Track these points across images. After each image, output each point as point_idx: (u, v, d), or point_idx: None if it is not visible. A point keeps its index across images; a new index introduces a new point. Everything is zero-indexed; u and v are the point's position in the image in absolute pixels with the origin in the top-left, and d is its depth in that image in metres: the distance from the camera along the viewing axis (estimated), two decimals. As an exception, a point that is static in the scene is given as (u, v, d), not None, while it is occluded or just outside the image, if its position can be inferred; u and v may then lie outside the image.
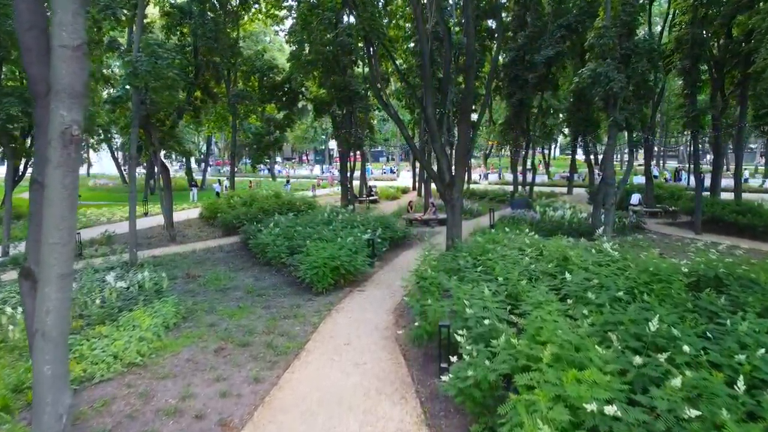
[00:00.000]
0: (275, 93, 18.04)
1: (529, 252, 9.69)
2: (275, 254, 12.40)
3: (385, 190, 30.02)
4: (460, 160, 13.40)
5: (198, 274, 12.21)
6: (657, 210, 19.61)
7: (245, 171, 60.47)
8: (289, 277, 11.77)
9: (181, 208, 25.30)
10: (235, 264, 13.46)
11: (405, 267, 12.72)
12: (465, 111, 12.87)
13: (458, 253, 11.05)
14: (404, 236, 15.22)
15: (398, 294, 10.40)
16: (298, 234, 13.33)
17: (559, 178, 37.96)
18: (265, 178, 45.38)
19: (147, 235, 18.14)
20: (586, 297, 7.42)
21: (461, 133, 13.11)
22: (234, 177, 23.78)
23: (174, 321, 8.94)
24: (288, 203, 19.36)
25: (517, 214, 18.99)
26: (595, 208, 14.99)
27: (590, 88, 11.16)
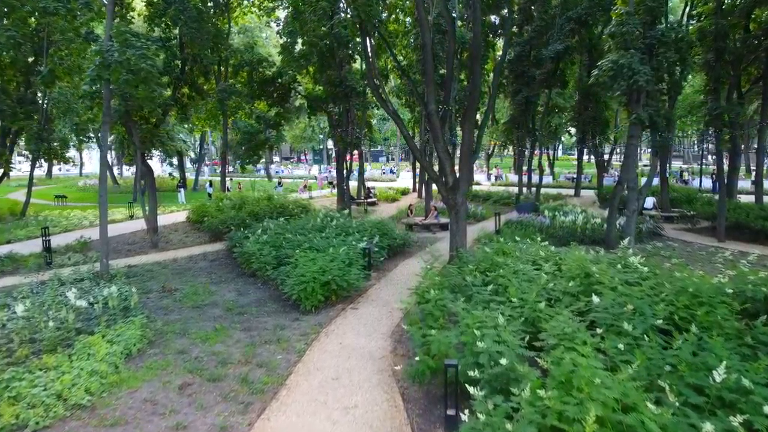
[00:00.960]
0: (266, 89, 16.88)
1: (545, 267, 8.51)
2: (261, 266, 11.23)
3: (384, 191, 28.84)
4: (465, 161, 12.25)
5: (175, 288, 11.02)
6: (673, 215, 18.43)
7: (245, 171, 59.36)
8: (275, 291, 10.60)
9: (169, 210, 24.14)
10: (218, 275, 12.28)
11: (404, 279, 11.55)
12: (470, 107, 11.70)
13: (464, 266, 9.89)
14: (404, 243, 14.04)
15: (396, 312, 9.23)
16: (287, 242, 12.15)
17: (564, 179, 36.78)
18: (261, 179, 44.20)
19: (128, 240, 16.96)
20: (619, 325, 6.26)
21: (466, 132, 11.94)
22: (225, 177, 22.60)
23: (138, 347, 7.77)
24: (280, 207, 18.19)
25: (524, 219, 17.81)
26: (610, 214, 13.81)
27: (611, 81, 10.03)
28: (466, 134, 11.97)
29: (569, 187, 32.44)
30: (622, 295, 7.11)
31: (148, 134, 16.17)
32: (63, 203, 27.71)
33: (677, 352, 5.27)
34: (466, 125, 11.92)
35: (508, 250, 10.21)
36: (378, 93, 12.18)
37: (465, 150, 12.10)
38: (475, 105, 11.75)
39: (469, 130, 11.95)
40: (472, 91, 11.69)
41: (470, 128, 11.93)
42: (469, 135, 11.96)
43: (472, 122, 11.89)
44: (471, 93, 11.73)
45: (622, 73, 9.53)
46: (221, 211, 18.17)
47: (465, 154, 12.10)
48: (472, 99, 11.71)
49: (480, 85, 11.79)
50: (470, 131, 11.97)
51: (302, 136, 59.46)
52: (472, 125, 11.92)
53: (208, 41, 14.88)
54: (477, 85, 11.61)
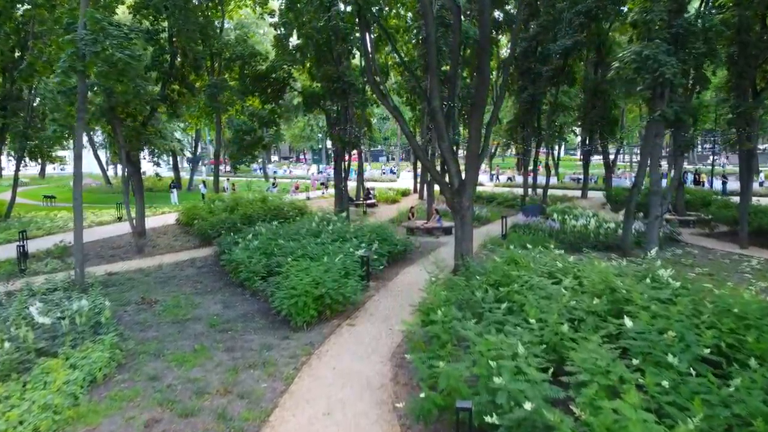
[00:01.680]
0: (259, 84, 15.94)
1: (565, 281, 7.59)
2: (249, 275, 10.31)
3: (384, 192, 27.91)
4: (471, 162, 11.32)
5: (155, 299, 10.10)
6: (690, 218, 17.49)
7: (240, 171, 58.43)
8: (264, 304, 9.68)
9: (161, 211, 23.22)
10: (205, 284, 11.36)
11: (405, 289, 10.64)
12: (477, 104, 10.79)
13: (472, 279, 8.99)
14: (405, 249, 13.12)
15: (397, 330, 8.30)
16: (279, 249, 11.25)
17: (569, 180, 35.83)
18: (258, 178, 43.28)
19: (114, 244, 16.04)
20: (658, 355, 5.35)
21: (473, 131, 11.03)
22: (218, 177, 21.67)
23: (105, 372, 6.85)
24: (275, 209, 17.27)
25: (532, 222, 16.89)
26: (626, 219, 12.91)
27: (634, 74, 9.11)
28: (473, 133, 11.05)
29: (575, 188, 31.51)
30: (657, 316, 6.20)
31: (133, 132, 15.24)
32: (51, 203, 26.80)
33: (739, 393, 4.37)
34: (473, 123, 11.00)
35: (521, 260, 9.29)
36: (377, 88, 11.28)
37: (471, 150, 11.17)
38: (482, 101, 10.83)
39: (476, 128, 11.03)
40: (480, 86, 10.77)
41: (477, 126, 11.02)
42: (476, 134, 11.04)
43: (480, 120, 10.96)
44: (478, 88, 10.82)
45: (646, 65, 8.63)
46: (213, 214, 17.27)
47: (471, 155, 11.17)
48: (480, 94, 10.79)
49: (489, 79, 10.88)
50: (477, 130, 11.05)
51: (301, 136, 58.50)
52: (479, 123, 11.00)
53: (195, 32, 13.94)
54: (485, 79, 10.68)
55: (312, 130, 53.56)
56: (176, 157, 36.51)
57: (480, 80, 10.77)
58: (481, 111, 10.93)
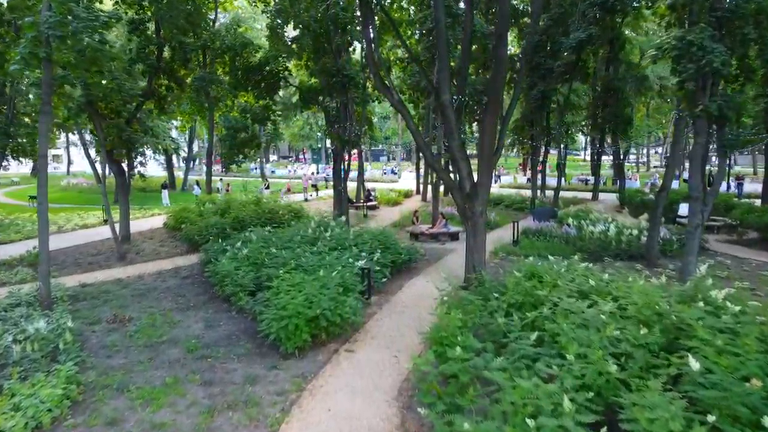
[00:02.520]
0: (251, 77, 14.78)
1: (603, 305, 6.43)
2: (235, 290, 9.17)
3: (386, 194, 26.74)
4: (485, 163, 10.18)
5: (129, 317, 8.96)
6: (714, 224, 16.35)
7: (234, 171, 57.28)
8: (252, 323, 8.53)
9: (150, 213, 22.06)
10: (187, 298, 10.21)
11: (411, 305, 9.49)
12: (493, 97, 9.66)
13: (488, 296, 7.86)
14: (409, 258, 11.97)
15: (404, 357, 7.17)
16: (271, 259, 10.12)
17: (576, 182, 34.65)
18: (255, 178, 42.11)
19: (94, 250, 14.88)
20: (741, 410, 4.22)
21: (487, 127, 9.89)
22: (211, 177, 20.52)
23: (54, 414, 5.70)
24: (269, 212, 16.11)
25: (544, 227, 15.75)
26: (652, 226, 11.78)
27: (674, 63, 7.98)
28: (486, 130, 9.91)
29: (584, 189, 30.35)
30: (723, 352, 5.05)
31: (114, 129, 14.10)
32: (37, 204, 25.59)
33: None
34: (486, 119, 9.86)
35: (545, 275, 8.14)
36: (381, 79, 10.14)
37: (485, 149, 10.03)
38: (498, 94, 9.70)
39: (491, 125, 9.89)
40: (495, 77, 9.63)
41: (491, 123, 9.88)
42: (490, 131, 9.90)
43: (494, 115, 9.83)
44: (494, 79, 9.68)
45: (689, 52, 7.51)
46: (203, 217, 16.11)
47: (485, 154, 10.03)
48: (495, 86, 9.65)
49: (506, 69, 9.76)
50: (491, 127, 9.91)
51: (300, 134, 57.38)
52: (493, 119, 9.86)
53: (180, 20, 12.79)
54: (502, 69, 9.55)
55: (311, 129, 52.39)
56: (171, 156, 35.34)
57: (496, 71, 9.63)
58: (496, 105, 9.79)
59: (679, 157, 11.29)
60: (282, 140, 75.51)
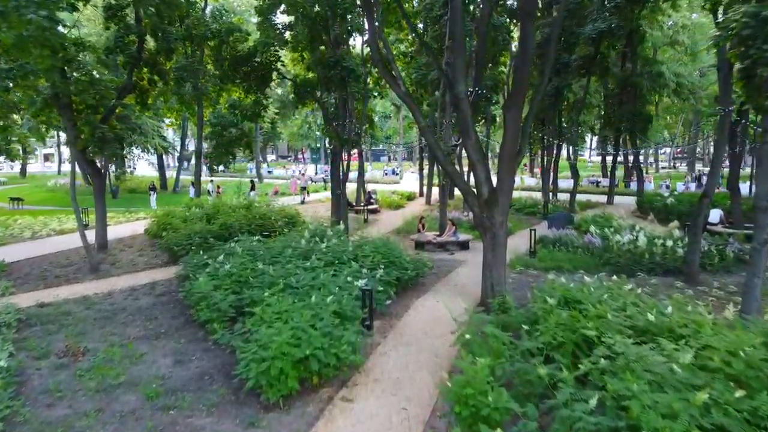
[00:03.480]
0: (239, 69, 13.31)
1: (665, 344, 4.99)
2: (211, 316, 7.73)
3: (387, 196, 25.27)
4: (507, 165, 8.76)
5: (85, 349, 7.51)
6: (749, 232, 14.86)
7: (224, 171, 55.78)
8: (231, 356, 7.08)
9: (135, 217, 20.60)
10: (159, 322, 8.77)
11: (420, 333, 8.05)
12: (519, 84, 8.23)
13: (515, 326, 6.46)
14: (417, 274, 10.52)
15: (415, 408, 5.73)
16: (256, 277, 8.69)
17: (587, 183, 33.16)
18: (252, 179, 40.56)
19: (66, 260, 13.44)
20: None
21: (510, 123, 8.46)
22: (200, 179, 19.08)
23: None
24: (260, 218, 14.66)
25: (563, 236, 14.30)
26: (693, 237, 10.35)
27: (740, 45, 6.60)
28: (509, 127, 8.47)
29: (596, 192, 28.88)
30: None
31: (88, 127, 12.66)
32: (18, 206, 24.17)
33: None
34: (509, 114, 8.43)
35: (584, 301, 6.70)
36: (384, 66, 8.72)
37: (507, 148, 8.60)
38: (524, 82, 8.27)
39: (514, 121, 8.46)
40: (521, 66, 8.21)
41: (515, 119, 8.45)
42: (513, 128, 8.47)
43: (519, 110, 8.40)
44: (519, 68, 8.26)
45: (764, 31, 6.11)
46: (188, 223, 14.67)
47: (507, 154, 8.61)
48: (521, 76, 8.23)
49: (531, 56, 8.36)
50: (515, 123, 8.48)
51: (299, 134, 55.90)
52: (518, 114, 8.43)
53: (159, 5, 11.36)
54: (527, 56, 8.13)
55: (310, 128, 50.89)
56: (162, 156, 33.85)
57: (522, 58, 8.20)
58: (520, 98, 8.37)
59: (721, 159, 9.88)
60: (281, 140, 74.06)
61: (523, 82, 8.23)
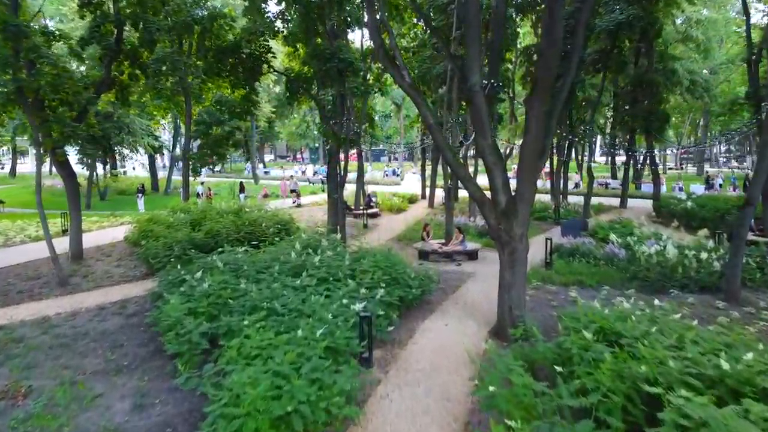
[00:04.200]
0: (225, 60, 12.07)
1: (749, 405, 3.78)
2: (180, 349, 6.52)
3: (388, 199, 24.03)
4: (529, 169, 7.59)
5: (28, 389, 6.30)
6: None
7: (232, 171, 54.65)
8: (201, 400, 5.86)
9: (120, 222, 19.37)
10: (124, 351, 7.55)
11: (429, 368, 6.83)
12: (545, 74, 7.06)
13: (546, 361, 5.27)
14: (422, 291, 9.30)
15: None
16: (237, 297, 7.49)
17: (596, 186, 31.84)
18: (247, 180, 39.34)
19: (33, 272, 12.25)
20: None
21: (533, 120, 7.27)
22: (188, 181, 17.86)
23: None
24: (250, 224, 13.44)
25: (580, 245, 13.10)
26: (735, 251, 9.16)
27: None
28: (533, 124, 7.28)
29: (605, 194, 27.67)
30: None
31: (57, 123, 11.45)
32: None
33: None
34: (533, 108, 7.24)
35: (629, 337, 5.50)
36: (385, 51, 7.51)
37: (528, 149, 7.41)
38: (550, 71, 7.10)
39: (538, 116, 7.28)
40: (547, 50, 7.03)
41: (539, 113, 7.26)
42: (537, 125, 7.28)
43: (543, 102, 7.21)
44: (545, 54, 7.08)
45: None
46: (172, 229, 13.44)
47: (529, 156, 7.41)
48: (547, 63, 7.04)
49: (560, 39, 7.18)
50: (540, 119, 7.29)
51: (297, 133, 54.67)
52: (542, 108, 7.24)
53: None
54: (556, 38, 6.95)
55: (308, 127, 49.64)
56: (153, 156, 32.59)
57: (548, 41, 7.01)
58: (546, 90, 7.18)
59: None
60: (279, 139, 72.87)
61: (550, 70, 7.04)
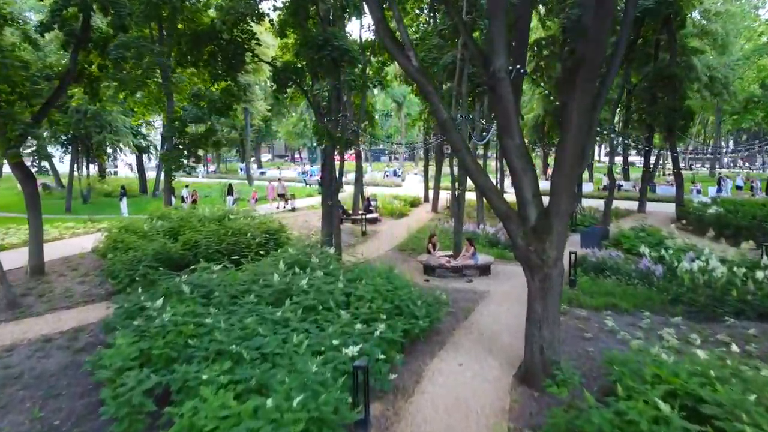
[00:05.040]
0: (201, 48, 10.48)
1: None
2: (119, 413, 5.00)
3: (389, 203, 22.46)
4: (567, 175, 6.07)
5: None
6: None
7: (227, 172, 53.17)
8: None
9: (97, 228, 17.78)
10: (58, 405, 6.03)
11: (443, 426, 5.30)
12: (592, 54, 5.55)
13: None
14: (431, 322, 7.77)
15: None
16: (201, 335, 5.97)
17: (605, 188, 30.41)
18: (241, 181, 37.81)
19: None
20: None
21: (575, 114, 5.75)
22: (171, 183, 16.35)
23: None
24: (233, 234, 11.91)
25: (607, 258, 11.57)
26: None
27: None
28: (573, 120, 5.75)
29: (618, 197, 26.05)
30: None
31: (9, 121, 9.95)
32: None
33: None
34: (576, 99, 5.70)
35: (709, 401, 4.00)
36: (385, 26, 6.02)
37: (566, 152, 5.90)
38: (601, 50, 5.57)
39: (583, 110, 5.75)
40: (598, 26, 5.50)
41: (584, 104, 5.74)
42: (580, 121, 5.77)
43: (588, 92, 5.68)
44: (595, 30, 5.57)
45: None
46: (145, 239, 11.92)
47: (566, 160, 5.90)
48: (595, 45, 5.52)
49: (613, 11, 5.68)
50: (583, 113, 5.78)
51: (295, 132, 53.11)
52: (587, 98, 5.72)
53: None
54: (608, 9, 5.42)
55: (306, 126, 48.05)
56: (141, 156, 31.00)
57: (600, 14, 5.48)
58: (593, 73, 5.66)
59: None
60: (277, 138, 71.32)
61: (600, 47, 5.50)
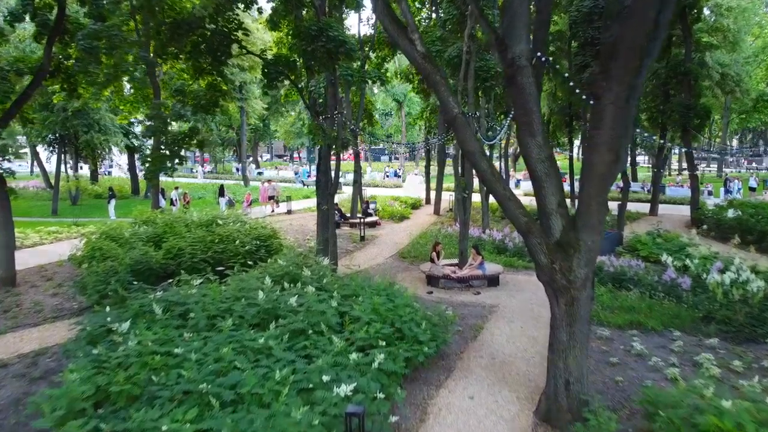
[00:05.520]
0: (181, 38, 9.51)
1: None
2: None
3: (389, 205, 21.55)
4: (599, 180, 5.19)
5: None
6: None
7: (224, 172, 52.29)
8: None
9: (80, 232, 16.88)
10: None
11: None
12: (633, 39, 4.68)
13: None
14: (437, 346, 6.86)
15: None
16: (170, 369, 5.09)
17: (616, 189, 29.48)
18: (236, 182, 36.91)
19: (-53, 303, 9.81)
20: None
21: (609, 107, 4.87)
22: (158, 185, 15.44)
23: None
24: (221, 242, 11.01)
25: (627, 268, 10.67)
26: None
27: None
28: (607, 117, 4.87)
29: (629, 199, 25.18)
30: None
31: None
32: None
33: None
34: (611, 90, 4.82)
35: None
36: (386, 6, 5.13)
37: (599, 153, 5.01)
38: (642, 34, 4.69)
39: (619, 106, 4.88)
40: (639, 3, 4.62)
41: (621, 97, 4.86)
42: (615, 117, 4.88)
43: (626, 83, 4.79)
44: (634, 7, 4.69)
45: None
46: (125, 247, 11.02)
47: (598, 163, 5.01)
48: (642, 16, 4.67)
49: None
50: (618, 110, 4.90)
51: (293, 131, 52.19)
52: (625, 89, 4.84)
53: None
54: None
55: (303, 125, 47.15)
56: (133, 156, 30.07)
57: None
58: (633, 60, 4.77)
59: None
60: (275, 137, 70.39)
61: (642, 30, 4.62)
